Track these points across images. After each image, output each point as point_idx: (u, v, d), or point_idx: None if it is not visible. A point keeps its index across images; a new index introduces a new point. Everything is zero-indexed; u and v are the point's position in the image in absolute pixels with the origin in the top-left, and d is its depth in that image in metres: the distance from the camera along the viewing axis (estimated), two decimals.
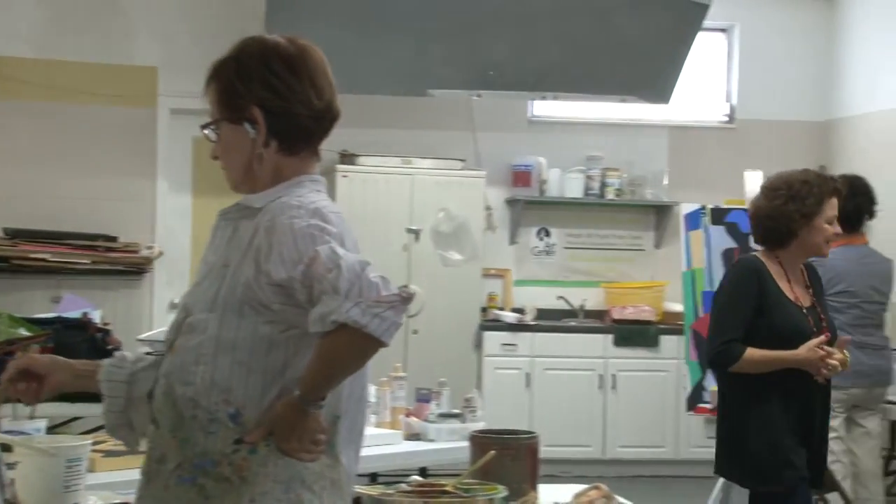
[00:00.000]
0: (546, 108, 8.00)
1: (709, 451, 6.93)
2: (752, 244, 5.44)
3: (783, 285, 3.61)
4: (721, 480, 5.41)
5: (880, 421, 5.03)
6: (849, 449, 4.89)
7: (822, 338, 3.54)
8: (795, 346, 3.54)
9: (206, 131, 2.12)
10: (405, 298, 1.90)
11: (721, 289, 3.72)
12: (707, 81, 8.18)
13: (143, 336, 4.44)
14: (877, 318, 4.98)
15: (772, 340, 3.53)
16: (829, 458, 4.57)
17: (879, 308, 4.99)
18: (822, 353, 3.53)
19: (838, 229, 3.70)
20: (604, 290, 7.79)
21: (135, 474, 2.13)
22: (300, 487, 1.96)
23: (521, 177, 7.76)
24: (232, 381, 1.96)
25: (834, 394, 4.85)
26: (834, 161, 7.80)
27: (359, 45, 6.71)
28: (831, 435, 4.84)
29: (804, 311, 3.62)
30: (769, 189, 3.70)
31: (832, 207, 3.64)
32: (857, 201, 4.95)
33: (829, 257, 4.92)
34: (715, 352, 3.60)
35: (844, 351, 3.59)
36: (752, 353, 3.53)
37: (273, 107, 2.04)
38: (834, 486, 4.01)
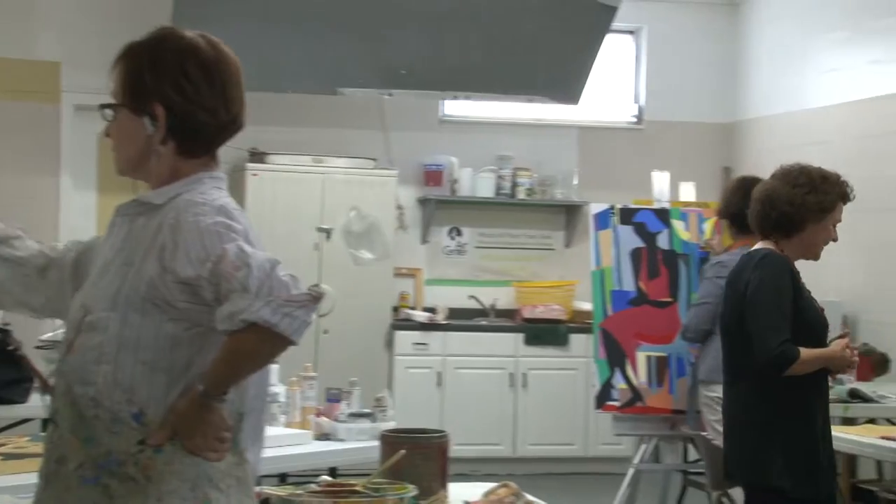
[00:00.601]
0: (457, 107, 8.02)
1: (617, 449, 7.12)
2: (661, 244, 5.55)
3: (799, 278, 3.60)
4: (629, 475, 5.49)
5: None
6: None
7: (846, 334, 3.62)
8: (822, 344, 3.54)
9: (105, 110, 2.08)
10: (315, 297, 1.90)
11: (761, 287, 3.51)
12: (616, 83, 8.28)
13: (45, 336, 4.35)
14: None
15: (804, 338, 3.47)
16: None
17: None
18: (851, 350, 3.56)
19: (836, 235, 3.69)
20: (515, 290, 7.84)
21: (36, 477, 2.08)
22: (207, 486, 1.95)
23: (432, 176, 7.77)
24: (135, 381, 1.93)
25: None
26: (738, 162, 7.97)
27: (269, 42, 6.66)
28: None
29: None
30: (790, 176, 3.63)
31: (840, 211, 3.65)
32: None
33: (734, 258, 5.02)
34: (772, 355, 3.41)
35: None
36: (805, 352, 3.44)
37: (178, 109, 2.02)
38: (736, 481, 4.07)
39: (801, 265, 3.60)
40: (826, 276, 6.48)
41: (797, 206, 3.56)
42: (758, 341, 3.44)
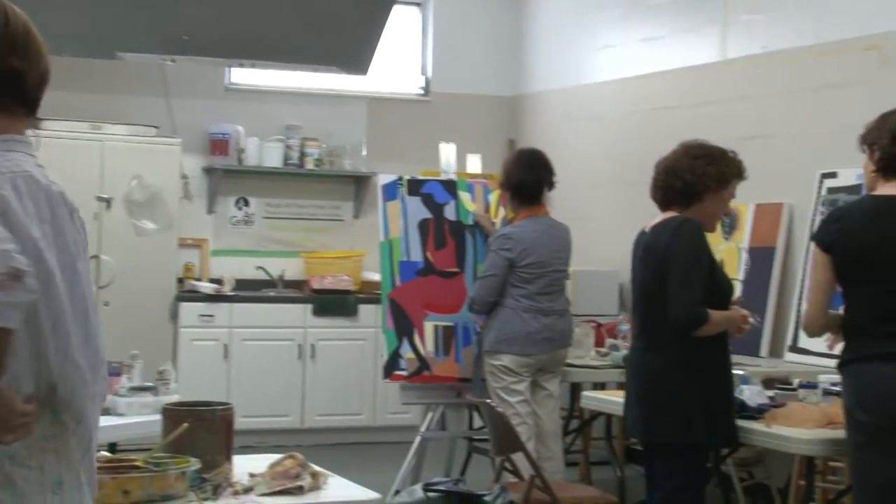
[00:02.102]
0: (244, 75, 7.87)
1: (404, 418, 7.19)
2: (448, 215, 5.63)
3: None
4: (416, 444, 5.57)
5: (560, 383, 5.31)
6: (532, 411, 5.14)
7: (738, 300, 3.81)
8: (726, 307, 3.70)
9: None
10: (14, 275, 1.74)
11: (678, 251, 3.64)
12: (404, 55, 8.32)
13: None
14: (560, 285, 5.25)
15: (715, 301, 3.63)
16: (516, 420, 4.80)
17: (562, 275, 5.27)
18: (745, 312, 3.75)
19: (730, 210, 3.86)
20: (303, 260, 7.79)
21: None
22: (10, 465, 1.85)
23: (218, 145, 7.61)
24: None
25: (522, 359, 5.11)
26: (522, 135, 8.16)
27: (43, 2, 6.34)
28: (518, 398, 5.09)
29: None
30: (691, 148, 3.78)
31: (734, 188, 3.80)
32: (538, 173, 5.19)
33: (519, 230, 5.17)
34: (687, 316, 3.58)
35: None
36: (713, 314, 3.61)
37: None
38: (518, 447, 4.19)
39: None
40: (602, 247, 6.74)
41: (698, 175, 3.71)
42: (674, 303, 3.60)
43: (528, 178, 5.16)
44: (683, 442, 3.62)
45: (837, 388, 3.91)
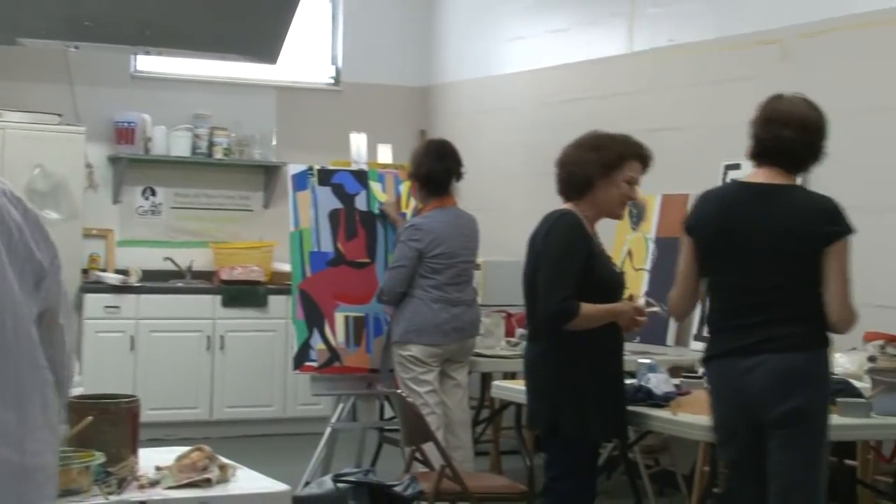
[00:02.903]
0: (150, 63, 7.74)
1: (315, 409, 7.16)
2: (358, 205, 5.61)
3: (595, 239, 3.68)
4: (326, 435, 5.55)
5: (468, 373, 5.34)
6: (441, 401, 5.16)
7: (632, 296, 3.79)
8: (616, 300, 3.67)
9: None
10: None
11: (548, 246, 3.66)
12: (314, 44, 8.26)
13: None
14: (468, 275, 5.28)
15: (597, 295, 3.59)
16: (425, 410, 4.81)
17: (470, 265, 5.29)
18: (637, 304, 3.72)
19: (638, 194, 3.79)
20: (212, 251, 7.70)
21: None
22: None
23: (124, 134, 7.47)
24: None
25: (431, 349, 5.13)
26: (433, 125, 8.17)
27: None
28: (427, 388, 5.11)
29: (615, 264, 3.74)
30: (579, 139, 3.77)
31: (634, 170, 3.73)
32: (447, 164, 5.20)
33: (428, 221, 5.17)
34: (553, 309, 3.57)
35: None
36: (587, 307, 3.58)
37: None
38: (428, 437, 4.20)
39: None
40: (513, 237, 6.77)
41: (581, 164, 3.70)
42: (542, 296, 3.61)
43: (437, 168, 5.17)
44: (555, 433, 3.65)
45: None
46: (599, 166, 3.69)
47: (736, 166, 5.74)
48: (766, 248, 3.29)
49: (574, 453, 3.66)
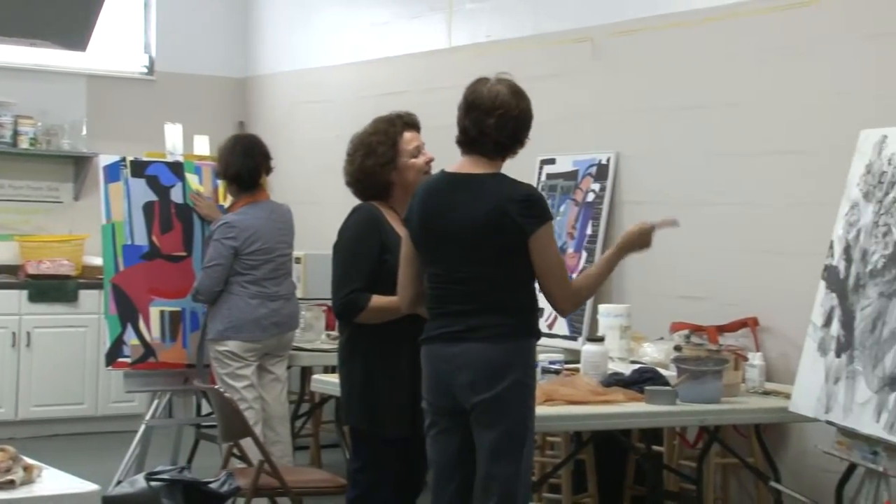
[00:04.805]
0: None
1: (130, 406, 6.99)
2: (174, 197, 5.48)
3: (400, 230, 3.53)
4: (140, 432, 5.42)
5: (286, 367, 5.31)
6: (259, 395, 5.11)
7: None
8: None
9: None
10: None
11: (341, 240, 3.67)
12: (126, 32, 8.04)
13: None
14: (286, 269, 5.24)
15: (391, 288, 3.49)
16: (242, 405, 4.76)
17: (287, 259, 5.26)
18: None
19: (429, 155, 3.72)
20: (18, 244, 7.42)
21: None
22: None
23: None
24: None
25: (249, 344, 5.08)
26: (251, 117, 8.07)
27: None
28: (244, 383, 5.06)
29: None
30: (350, 153, 3.73)
31: (409, 142, 3.70)
32: (255, 160, 5.16)
33: (242, 217, 5.10)
34: (340, 302, 3.58)
35: None
36: (377, 300, 3.55)
37: None
38: (247, 432, 4.16)
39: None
40: (333, 230, 6.75)
41: (368, 175, 3.70)
42: (332, 290, 3.62)
43: (246, 165, 5.12)
44: (357, 426, 3.71)
45: (556, 367, 4.10)
46: (381, 168, 3.69)
47: (551, 161, 5.89)
48: (462, 238, 3.25)
49: (371, 444, 3.68)
